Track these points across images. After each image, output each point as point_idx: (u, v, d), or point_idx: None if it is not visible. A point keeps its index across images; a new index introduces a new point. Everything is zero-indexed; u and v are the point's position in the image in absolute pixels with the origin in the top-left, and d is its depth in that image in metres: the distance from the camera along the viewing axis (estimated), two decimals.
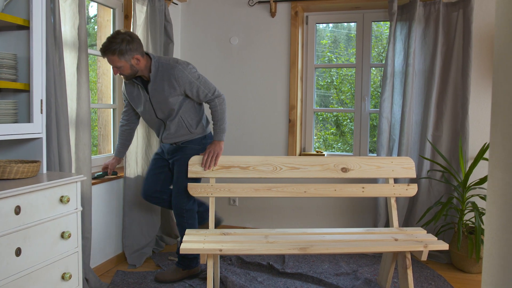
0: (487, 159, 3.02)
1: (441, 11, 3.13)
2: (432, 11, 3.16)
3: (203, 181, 2.78)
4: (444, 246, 2.18)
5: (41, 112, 1.98)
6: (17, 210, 1.64)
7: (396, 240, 2.27)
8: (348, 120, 4.74)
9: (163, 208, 3.40)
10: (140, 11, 3.06)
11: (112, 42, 2.37)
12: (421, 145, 3.24)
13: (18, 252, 1.64)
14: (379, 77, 3.97)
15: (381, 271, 2.68)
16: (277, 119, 3.65)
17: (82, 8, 2.46)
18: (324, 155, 3.64)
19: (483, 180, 2.98)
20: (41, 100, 1.97)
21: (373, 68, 3.67)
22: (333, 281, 2.74)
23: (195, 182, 2.63)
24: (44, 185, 1.76)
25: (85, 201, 2.51)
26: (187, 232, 2.37)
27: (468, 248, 2.84)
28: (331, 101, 4.66)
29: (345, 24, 4.24)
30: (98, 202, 2.85)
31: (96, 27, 3.33)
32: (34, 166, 1.87)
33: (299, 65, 3.61)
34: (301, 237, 2.33)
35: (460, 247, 2.94)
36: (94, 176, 2.81)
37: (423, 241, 2.24)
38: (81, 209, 2.00)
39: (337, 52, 4.48)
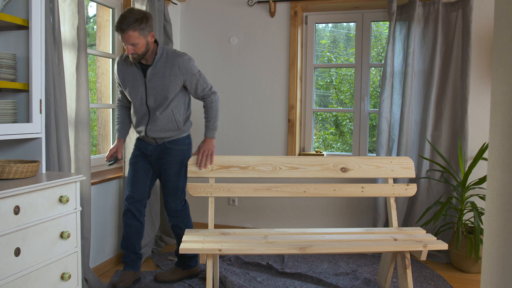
0: (486, 159, 3.02)
1: (440, 11, 3.13)
2: (431, 11, 3.17)
3: (203, 181, 2.77)
4: (444, 246, 2.19)
5: (40, 112, 1.97)
6: (16, 210, 1.64)
7: (396, 240, 2.27)
8: (348, 120, 4.74)
9: (162, 208, 3.40)
10: None
11: (133, 18, 2.29)
12: (421, 145, 3.25)
13: (17, 252, 1.64)
14: (379, 77, 3.97)
15: (380, 271, 2.68)
16: (276, 119, 3.65)
17: (81, 8, 2.46)
18: (323, 155, 3.64)
19: (482, 180, 2.98)
20: (40, 100, 1.97)
21: (373, 68, 3.67)
22: (332, 281, 2.74)
23: (186, 183, 2.63)
24: (43, 185, 1.76)
25: (85, 201, 2.50)
26: (186, 232, 2.37)
27: (467, 248, 2.85)
28: (331, 101, 4.66)
29: (345, 24, 4.24)
30: (98, 202, 2.85)
31: (95, 27, 3.33)
32: (33, 166, 1.87)
33: (298, 65, 3.61)
34: (300, 237, 2.33)
35: (459, 247, 2.94)
36: (110, 163, 2.64)
37: (422, 241, 2.24)
38: (80, 209, 2.00)
39: (336, 52, 4.47)
